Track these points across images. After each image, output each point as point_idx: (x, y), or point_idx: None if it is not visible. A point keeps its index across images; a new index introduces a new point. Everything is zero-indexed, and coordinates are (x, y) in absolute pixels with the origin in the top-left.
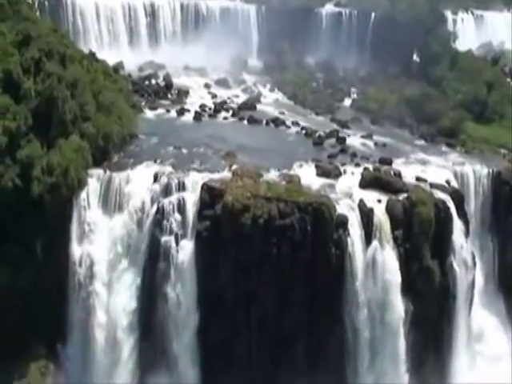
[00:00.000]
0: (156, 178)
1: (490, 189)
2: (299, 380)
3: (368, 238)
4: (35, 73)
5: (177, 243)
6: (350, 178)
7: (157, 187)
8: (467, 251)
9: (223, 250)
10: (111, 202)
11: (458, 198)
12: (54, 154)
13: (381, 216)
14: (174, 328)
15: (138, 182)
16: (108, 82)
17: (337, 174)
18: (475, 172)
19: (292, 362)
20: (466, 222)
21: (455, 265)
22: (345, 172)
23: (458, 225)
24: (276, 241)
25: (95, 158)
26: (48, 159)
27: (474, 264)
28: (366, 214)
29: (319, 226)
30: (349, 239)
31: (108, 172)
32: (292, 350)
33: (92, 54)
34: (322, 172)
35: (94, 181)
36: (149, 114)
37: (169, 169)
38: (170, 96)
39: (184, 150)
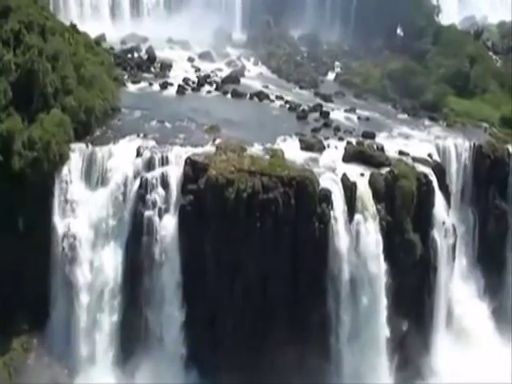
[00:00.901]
0: (139, 153)
1: (471, 162)
2: (282, 352)
3: (351, 212)
4: (15, 45)
5: (160, 217)
6: (334, 151)
7: (140, 161)
8: (448, 224)
9: (207, 224)
10: (94, 176)
11: (440, 171)
12: (35, 128)
13: (363, 190)
14: (158, 302)
15: (121, 157)
16: (90, 55)
17: (320, 148)
18: (457, 146)
19: (275, 334)
20: (448, 195)
21: (436, 237)
22: (328, 146)
23: (439, 198)
24: (259, 215)
25: (77, 133)
26: (29, 133)
27: (455, 237)
28: (349, 188)
29: (302, 199)
30: (332, 213)
31: (90, 146)
32: (275, 322)
33: (73, 27)
34: (305, 146)
35: (76, 155)
36: (131, 87)
37: (152, 143)
38: (152, 69)
39: (167, 124)
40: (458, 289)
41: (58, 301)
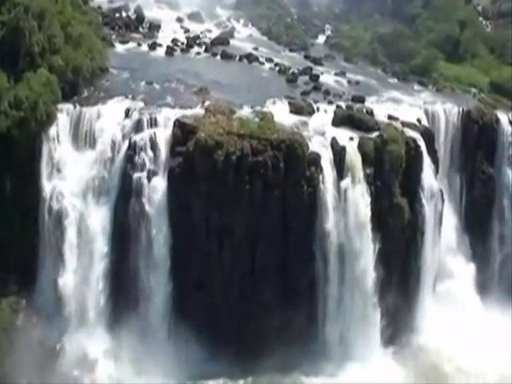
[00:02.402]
0: (127, 114)
1: (459, 127)
2: (270, 316)
3: (340, 176)
4: (0, 3)
5: (149, 180)
6: (323, 115)
7: (128, 123)
8: (436, 189)
9: (196, 187)
10: (82, 137)
11: (429, 136)
12: (21, 87)
13: (353, 154)
14: (147, 264)
15: (109, 118)
16: (77, 14)
17: (310, 112)
18: (446, 111)
19: (264, 298)
20: (436, 160)
21: (424, 202)
22: (318, 109)
23: (427, 163)
24: (248, 178)
25: (65, 93)
26: (15, 93)
27: (442, 201)
28: (338, 152)
29: (292, 163)
30: (321, 176)
31: (78, 107)
32: (264, 286)
33: None
34: (295, 109)
35: (64, 115)
36: (119, 47)
37: (140, 104)
38: (141, 29)
39: (156, 86)
40: (445, 253)
41: (46, 262)
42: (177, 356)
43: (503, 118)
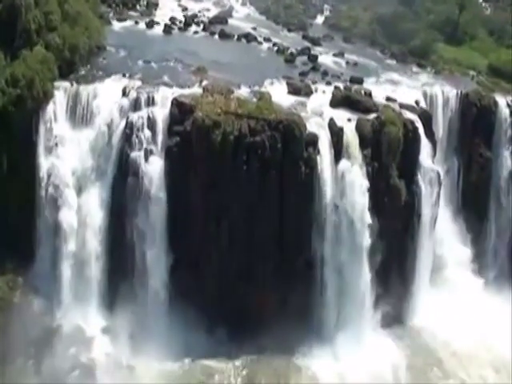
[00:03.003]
0: (125, 92)
1: (457, 110)
2: (268, 295)
3: (337, 157)
4: None
5: (146, 159)
6: (321, 96)
7: (125, 101)
8: (433, 171)
9: (193, 166)
10: (79, 115)
11: (427, 118)
12: (17, 64)
13: (350, 135)
14: (144, 243)
15: (106, 96)
16: None
17: (308, 92)
18: (444, 93)
19: (260, 277)
20: (433, 143)
21: (421, 184)
22: (316, 90)
23: (425, 145)
24: (246, 158)
25: (61, 71)
26: (12, 70)
27: (440, 183)
28: (336, 133)
29: (289, 143)
30: (318, 157)
31: (75, 85)
32: (261, 266)
33: None
34: (293, 90)
35: (61, 94)
36: (117, 25)
37: (138, 83)
38: (138, 7)
39: (153, 64)
40: (441, 235)
41: (43, 240)
42: (174, 334)
43: (501, 100)
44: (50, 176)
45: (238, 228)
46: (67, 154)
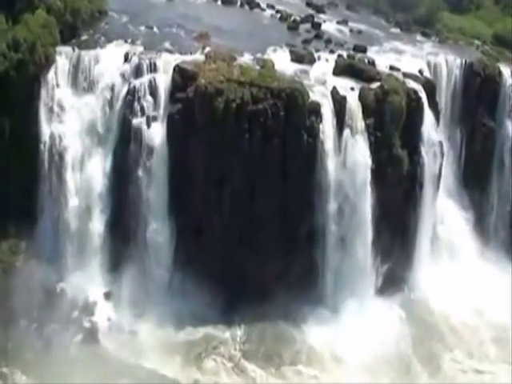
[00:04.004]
0: (127, 58)
1: (461, 80)
2: (269, 264)
3: (340, 126)
4: None
5: (148, 125)
6: (324, 64)
7: (128, 67)
8: (436, 141)
9: (195, 134)
10: (80, 81)
11: (430, 88)
12: (19, 29)
13: (353, 104)
14: (146, 210)
15: (108, 62)
16: None
17: (311, 60)
18: (448, 62)
19: (262, 246)
20: (437, 112)
21: (424, 154)
22: (319, 58)
23: (428, 115)
24: (248, 126)
25: (63, 35)
26: (13, 34)
27: (442, 154)
28: (339, 102)
29: (292, 112)
30: (321, 126)
31: (77, 50)
32: (263, 234)
33: None
34: (296, 57)
35: (63, 59)
36: None
37: (140, 49)
38: None
39: (155, 30)
40: (443, 205)
41: (46, 206)
42: (176, 301)
43: (506, 70)
44: (52, 142)
45: (240, 196)
46: (69, 119)
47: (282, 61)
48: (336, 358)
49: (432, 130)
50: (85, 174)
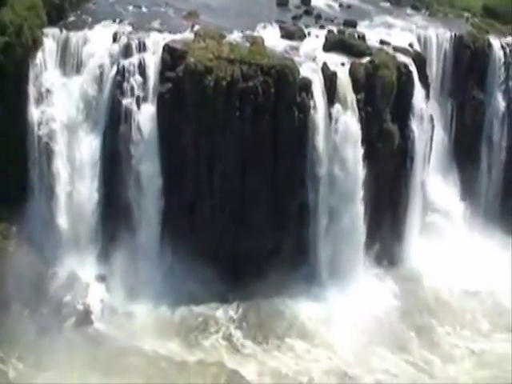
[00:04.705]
0: (115, 38)
1: (451, 53)
2: (260, 240)
3: (331, 102)
4: None
5: (138, 106)
6: (314, 40)
7: (116, 48)
8: (426, 115)
9: (185, 113)
10: (69, 62)
11: (420, 61)
12: (5, 11)
13: (344, 79)
14: (137, 189)
15: (97, 43)
16: None
17: (301, 37)
18: (438, 36)
19: (254, 222)
20: (427, 86)
21: (414, 128)
22: (309, 34)
23: (418, 88)
24: (239, 103)
25: (50, 17)
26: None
27: (433, 127)
28: (329, 78)
29: (282, 88)
30: (312, 102)
31: (64, 31)
32: (254, 210)
33: None
34: (285, 34)
35: (50, 41)
36: None
37: (128, 28)
38: None
39: (144, 9)
40: (434, 179)
41: (36, 189)
42: (169, 281)
43: (495, 42)
44: (41, 124)
45: (231, 173)
46: (58, 102)
47: (271, 37)
48: (328, 332)
49: (422, 104)
50: (75, 155)
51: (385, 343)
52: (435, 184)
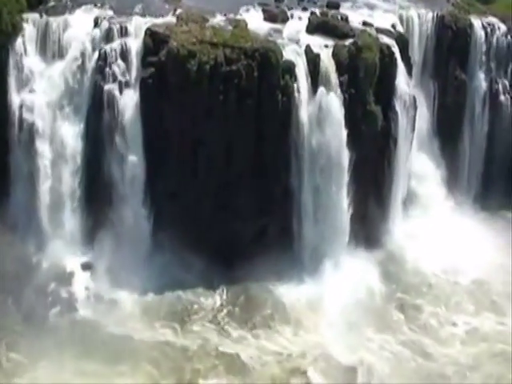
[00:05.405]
0: (96, 23)
1: (433, 33)
2: (246, 225)
3: (314, 84)
4: None
5: (121, 91)
6: (297, 22)
7: (97, 33)
8: (409, 95)
9: (169, 98)
10: (50, 48)
11: (403, 42)
12: None
13: (327, 61)
14: (121, 176)
15: (78, 27)
16: None
17: (284, 19)
18: (420, 16)
19: (239, 207)
20: (410, 67)
21: (397, 109)
22: (292, 17)
23: (401, 69)
24: (222, 87)
25: (30, 2)
26: None
27: (415, 108)
28: (313, 60)
29: (266, 72)
30: (295, 85)
31: (45, 16)
32: (239, 195)
33: None
34: (268, 17)
35: (30, 26)
36: None
37: (110, 13)
38: None
39: None
40: (417, 159)
41: (18, 178)
42: (154, 267)
43: (476, 22)
44: (23, 111)
45: (216, 158)
46: (39, 88)
47: (254, 20)
48: (315, 315)
49: (405, 85)
50: (57, 142)
51: (373, 324)
52: (418, 164)
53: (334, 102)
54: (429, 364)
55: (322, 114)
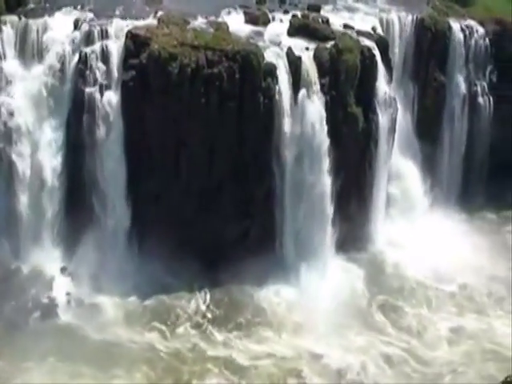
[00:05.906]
0: (76, 26)
1: (413, 36)
2: (229, 227)
3: (296, 87)
4: None
5: (101, 94)
6: (279, 25)
7: (78, 35)
8: (389, 97)
9: (150, 100)
10: (29, 51)
11: (383, 44)
12: None
13: (308, 64)
14: (103, 180)
15: (58, 30)
16: None
17: (265, 22)
18: (400, 19)
19: (222, 209)
20: (390, 69)
21: (378, 110)
22: (273, 19)
23: (382, 71)
24: (204, 90)
25: (9, 4)
26: None
27: (396, 109)
28: (294, 62)
29: (247, 74)
30: (277, 87)
31: (23, 19)
32: (221, 197)
33: None
34: (250, 19)
35: (9, 28)
36: None
37: (90, 15)
38: None
39: None
40: (397, 161)
41: None
42: (135, 271)
43: (455, 25)
44: (1, 115)
45: (197, 161)
46: (18, 91)
47: (236, 23)
48: (298, 316)
49: (386, 87)
50: (36, 147)
51: (356, 325)
52: (399, 165)
53: (315, 104)
54: (422, 367)
55: (303, 116)
